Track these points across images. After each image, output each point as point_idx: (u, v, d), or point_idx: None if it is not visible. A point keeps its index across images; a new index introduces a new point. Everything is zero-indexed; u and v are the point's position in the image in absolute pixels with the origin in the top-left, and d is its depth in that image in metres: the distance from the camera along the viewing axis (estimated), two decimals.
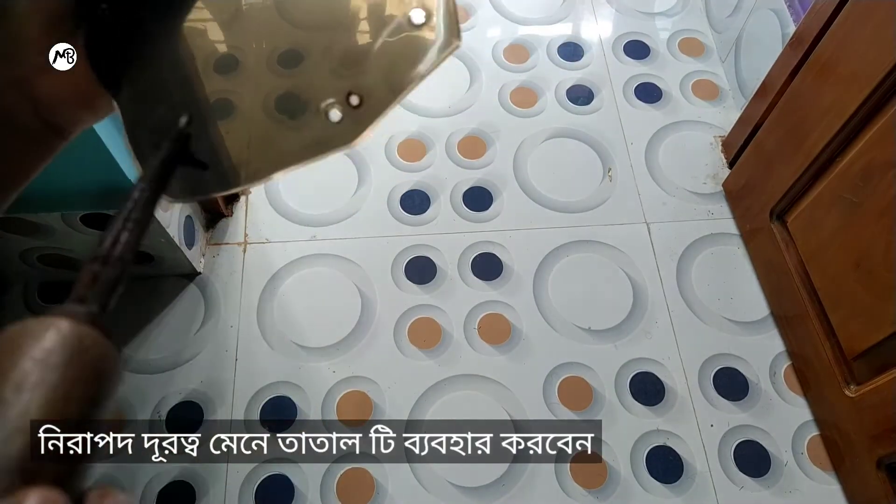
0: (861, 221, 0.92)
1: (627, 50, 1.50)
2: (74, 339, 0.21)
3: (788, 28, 1.20)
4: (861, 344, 0.95)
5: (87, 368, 0.21)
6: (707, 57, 1.48)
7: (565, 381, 1.11)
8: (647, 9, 1.57)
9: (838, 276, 0.98)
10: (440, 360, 1.12)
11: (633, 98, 1.42)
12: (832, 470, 1.05)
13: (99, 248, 0.24)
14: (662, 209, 1.29)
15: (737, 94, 1.41)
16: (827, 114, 0.96)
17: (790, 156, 1.06)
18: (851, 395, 0.98)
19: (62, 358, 0.20)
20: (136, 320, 1.14)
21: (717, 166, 1.34)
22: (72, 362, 0.20)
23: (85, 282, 0.23)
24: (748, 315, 1.18)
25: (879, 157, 0.88)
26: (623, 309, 1.18)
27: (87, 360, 0.21)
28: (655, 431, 1.07)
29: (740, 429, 1.08)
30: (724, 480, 1.04)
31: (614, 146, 1.36)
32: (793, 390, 1.11)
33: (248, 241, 1.22)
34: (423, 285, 1.19)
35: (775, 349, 1.15)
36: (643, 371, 1.12)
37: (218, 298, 1.17)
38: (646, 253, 1.24)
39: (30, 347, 0.20)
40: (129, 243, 0.25)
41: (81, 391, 0.20)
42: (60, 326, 0.21)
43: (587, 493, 1.02)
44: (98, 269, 0.24)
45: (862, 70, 0.89)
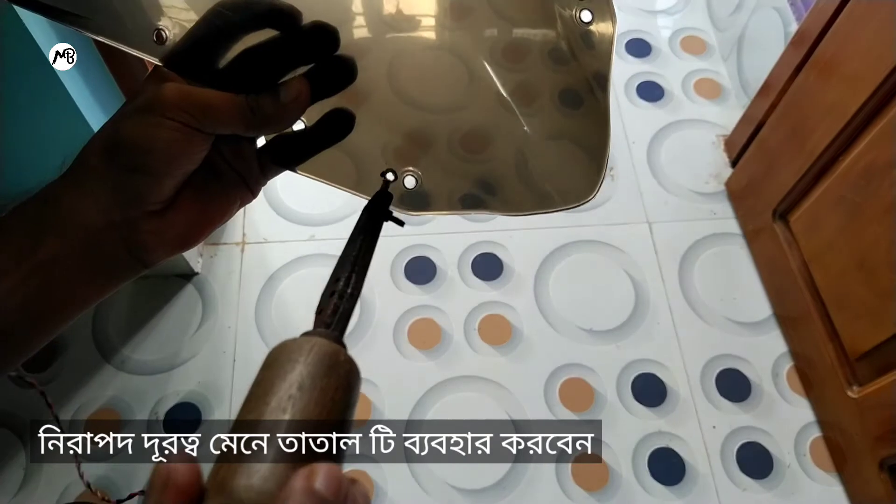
0: (863, 221, 0.92)
1: (629, 48, 1.49)
2: (333, 355, 0.25)
3: (791, 26, 1.19)
4: (864, 344, 0.94)
5: (343, 378, 0.25)
6: (709, 55, 1.48)
7: (566, 383, 1.10)
8: (649, 7, 1.56)
9: (841, 276, 0.98)
10: (440, 362, 1.11)
11: (634, 97, 1.41)
12: (835, 471, 1.04)
13: (335, 285, 0.30)
14: (664, 209, 1.28)
15: (739, 93, 1.40)
16: (829, 113, 0.95)
17: (793, 155, 1.05)
18: (854, 397, 0.97)
19: (325, 369, 0.25)
20: (133, 321, 1.14)
21: (719, 165, 1.33)
22: (332, 373, 0.25)
23: (330, 312, 0.29)
24: (751, 315, 1.17)
25: (881, 157, 0.88)
26: (625, 309, 1.17)
27: (342, 372, 0.25)
28: (657, 433, 1.07)
29: (743, 430, 1.07)
30: (727, 482, 1.03)
31: (616, 145, 1.35)
32: (795, 391, 1.11)
33: (246, 241, 1.22)
34: (422, 286, 1.18)
35: (778, 350, 1.14)
36: (645, 372, 1.12)
37: (215, 299, 1.16)
38: (647, 253, 1.23)
39: (302, 357, 0.24)
40: (358, 283, 0.31)
41: (341, 396, 0.25)
42: (322, 344, 0.25)
43: (589, 496, 1.02)
44: (337, 301, 0.29)
45: (864, 70, 0.88)
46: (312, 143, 0.37)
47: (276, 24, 0.33)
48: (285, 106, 0.33)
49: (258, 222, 1.23)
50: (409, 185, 0.38)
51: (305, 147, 0.37)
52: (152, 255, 0.34)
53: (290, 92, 0.33)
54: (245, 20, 0.33)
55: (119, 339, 1.12)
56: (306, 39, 0.34)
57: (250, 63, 0.33)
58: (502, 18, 0.36)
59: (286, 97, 0.33)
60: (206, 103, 0.31)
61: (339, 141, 0.37)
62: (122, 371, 1.09)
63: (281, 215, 1.24)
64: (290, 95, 0.33)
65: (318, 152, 0.37)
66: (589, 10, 0.34)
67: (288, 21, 0.33)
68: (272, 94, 0.33)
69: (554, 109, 0.36)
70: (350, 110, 0.36)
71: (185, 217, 0.34)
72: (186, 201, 0.34)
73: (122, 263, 0.34)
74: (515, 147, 0.37)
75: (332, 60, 0.35)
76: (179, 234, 0.34)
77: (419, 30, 0.35)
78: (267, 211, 1.24)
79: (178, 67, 0.33)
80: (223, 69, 0.34)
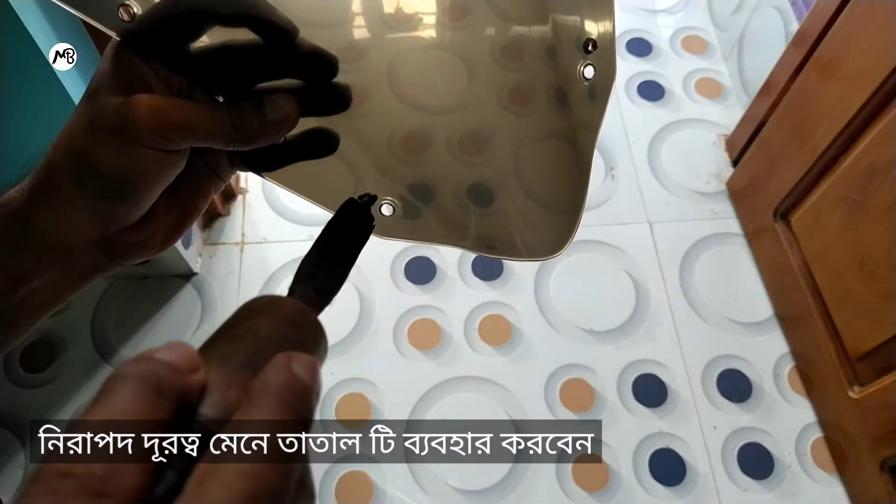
0: (864, 221, 0.92)
1: (630, 47, 1.49)
2: (300, 309, 0.26)
3: (791, 26, 1.19)
4: (865, 345, 0.94)
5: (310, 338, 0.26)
6: (710, 55, 1.47)
7: (567, 383, 1.10)
8: (650, 6, 1.56)
9: (842, 276, 0.97)
10: (440, 362, 1.11)
11: (635, 96, 1.41)
12: (836, 472, 1.04)
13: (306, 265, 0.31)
14: (665, 209, 1.28)
15: (740, 93, 1.39)
16: (830, 113, 0.95)
17: (794, 154, 1.05)
18: (855, 397, 0.97)
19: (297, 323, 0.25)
20: (133, 321, 1.13)
21: (720, 165, 1.33)
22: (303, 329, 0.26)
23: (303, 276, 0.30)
24: (752, 316, 1.17)
25: (882, 156, 0.88)
26: (625, 310, 1.17)
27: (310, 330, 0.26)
28: (658, 433, 1.07)
29: (743, 431, 1.07)
30: (728, 483, 1.03)
31: (616, 145, 1.35)
32: (796, 392, 1.10)
33: (246, 241, 1.21)
34: (422, 286, 1.18)
35: (779, 350, 1.14)
36: (646, 373, 1.11)
37: (215, 299, 1.16)
38: (648, 253, 1.23)
39: (274, 310, 0.25)
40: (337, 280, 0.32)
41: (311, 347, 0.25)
42: (289, 301, 0.26)
43: (589, 496, 1.01)
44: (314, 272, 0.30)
45: (864, 69, 0.88)
46: (287, 154, 0.34)
47: (265, 36, 0.30)
48: (271, 126, 0.30)
49: (257, 222, 1.23)
50: (385, 213, 0.36)
51: (278, 158, 0.34)
52: (134, 260, 0.33)
53: (278, 112, 0.30)
54: (227, 17, 0.29)
55: (118, 340, 1.12)
56: (302, 62, 0.31)
57: (231, 60, 0.31)
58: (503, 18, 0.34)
59: (273, 117, 0.30)
60: (185, 124, 0.29)
61: (316, 158, 0.35)
62: None
63: (280, 215, 1.24)
64: (279, 116, 0.30)
65: (291, 164, 0.35)
66: (593, 67, 0.32)
67: (279, 37, 0.30)
68: (257, 110, 0.30)
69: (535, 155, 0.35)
70: (334, 132, 0.34)
71: (164, 222, 0.33)
72: (163, 206, 0.32)
73: (101, 268, 0.33)
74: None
75: (327, 86, 0.32)
76: (160, 237, 0.33)
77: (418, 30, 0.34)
78: (266, 211, 1.24)
79: (141, 47, 0.30)
80: (195, 58, 0.30)
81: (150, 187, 0.30)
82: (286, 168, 0.35)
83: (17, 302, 0.31)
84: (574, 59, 0.33)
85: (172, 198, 0.33)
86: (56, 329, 1.12)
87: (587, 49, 0.32)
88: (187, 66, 0.31)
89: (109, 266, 0.33)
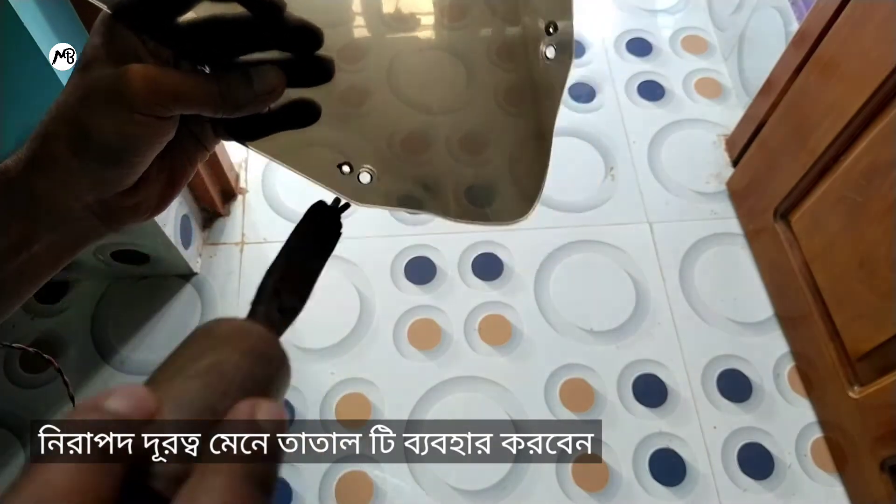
0: (864, 221, 0.92)
1: (630, 47, 1.49)
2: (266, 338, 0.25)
3: (792, 26, 1.19)
4: (865, 345, 0.94)
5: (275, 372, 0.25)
6: (710, 54, 1.47)
7: (567, 383, 1.10)
8: (650, 6, 1.56)
9: (842, 276, 0.97)
10: (440, 362, 1.11)
11: (635, 96, 1.41)
12: (836, 472, 1.04)
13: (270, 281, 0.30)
14: (665, 208, 1.28)
15: (740, 93, 1.39)
16: (830, 112, 0.95)
17: (794, 154, 1.05)
18: (855, 397, 0.97)
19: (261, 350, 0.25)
20: (133, 321, 1.13)
21: (720, 165, 1.33)
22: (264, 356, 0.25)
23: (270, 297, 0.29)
24: (752, 316, 1.17)
25: (882, 156, 0.88)
26: (625, 310, 1.17)
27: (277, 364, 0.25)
28: (658, 433, 1.07)
29: (743, 431, 1.07)
30: (728, 483, 1.03)
31: (616, 145, 1.35)
32: (796, 392, 1.10)
33: (246, 241, 1.21)
34: (422, 286, 1.18)
35: (779, 350, 1.14)
36: (646, 373, 1.11)
37: (215, 299, 1.16)
38: (648, 253, 1.23)
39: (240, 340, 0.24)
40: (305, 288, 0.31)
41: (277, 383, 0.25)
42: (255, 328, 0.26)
43: (589, 496, 1.01)
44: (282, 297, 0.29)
45: (864, 69, 0.88)
46: (270, 124, 0.36)
47: (253, 10, 0.31)
48: (258, 96, 0.32)
49: (257, 222, 1.23)
50: (363, 181, 0.37)
51: (261, 126, 0.36)
52: (128, 225, 0.35)
53: (265, 83, 0.32)
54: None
55: (118, 340, 1.12)
56: (288, 35, 0.33)
57: (218, 33, 0.32)
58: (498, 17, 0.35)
59: (260, 88, 0.32)
60: (177, 92, 0.30)
61: (298, 128, 0.36)
62: (121, 371, 1.09)
63: (280, 215, 1.24)
64: (266, 87, 0.32)
65: (273, 133, 0.36)
66: (554, 48, 0.33)
67: (268, 11, 0.31)
68: (245, 80, 0.32)
69: None
70: (316, 102, 0.35)
71: (156, 185, 0.35)
72: (155, 171, 0.34)
73: (98, 233, 0.35)
74: None
75: (312, 59, 0.34)
76: (152, 201, 0.35)
77: (417, 30, 0.35)
78: (266, 211, 1.24)
79: (132, 20, 0.31)
80: (185, 30, 0.32)
81: (144, 152, 0.32)
82: (269, 137, 0.36)
83: (19, 267, 0.32)
84: (540, 41, 0.34)
85: (163, 164, 0.34)
86: (56, 329, 1.12)
87: (549, 31, 0.33)
88: (177, 39, 0.32)
89: (105, 230, 0.35)
